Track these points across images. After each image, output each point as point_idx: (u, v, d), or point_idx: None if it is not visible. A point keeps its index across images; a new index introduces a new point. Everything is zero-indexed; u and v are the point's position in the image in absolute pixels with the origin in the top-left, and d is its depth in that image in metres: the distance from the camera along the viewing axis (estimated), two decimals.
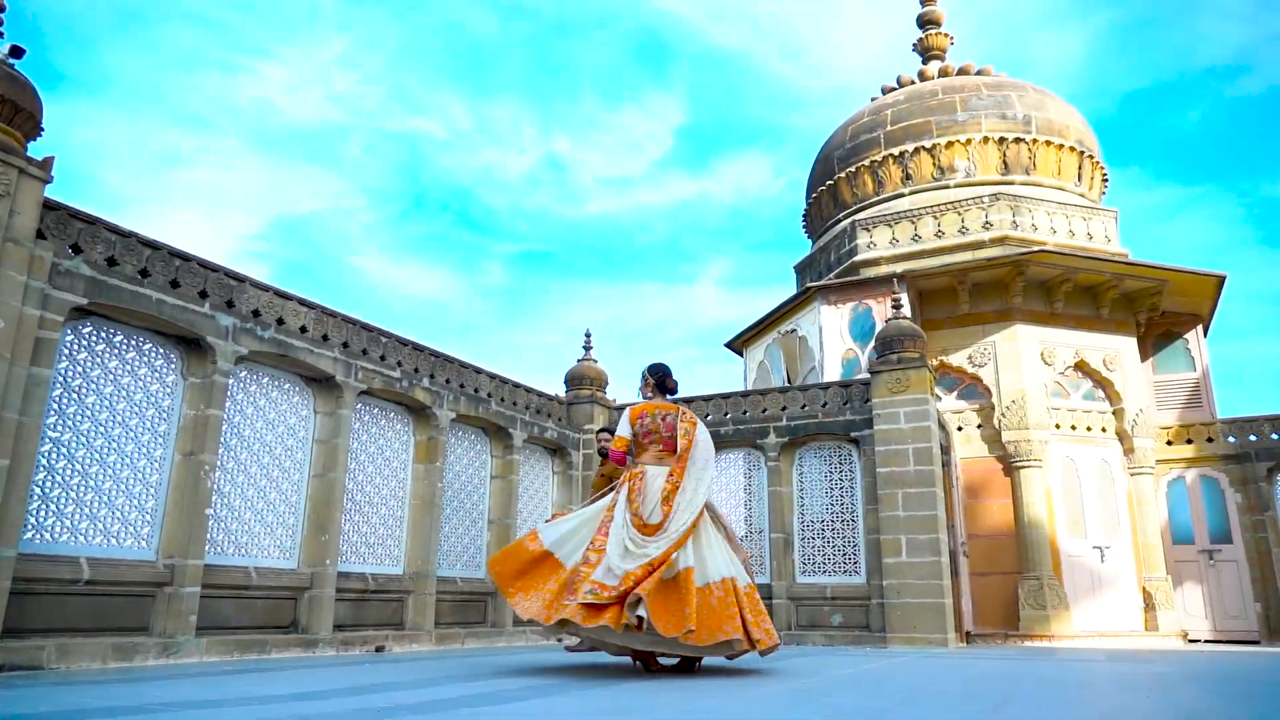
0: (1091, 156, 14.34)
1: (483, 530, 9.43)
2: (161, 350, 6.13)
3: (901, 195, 14.11)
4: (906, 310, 10.78)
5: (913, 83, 15.59)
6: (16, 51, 5.14)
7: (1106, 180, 14.78)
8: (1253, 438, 12.73)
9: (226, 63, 39.45)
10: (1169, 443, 13.09)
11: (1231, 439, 12.86)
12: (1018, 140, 13.76)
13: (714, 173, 48.02)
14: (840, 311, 12.83)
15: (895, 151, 14.16)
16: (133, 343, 5.94)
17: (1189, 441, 13.07)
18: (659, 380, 5.46)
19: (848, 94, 44.96)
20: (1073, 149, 14.04)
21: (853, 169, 14.68)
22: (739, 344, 15.86)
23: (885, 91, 15.85)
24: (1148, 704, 3.75)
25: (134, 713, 2.94)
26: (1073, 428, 12.31)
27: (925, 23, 16.94)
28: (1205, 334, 13.92)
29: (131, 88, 39.47)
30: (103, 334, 5.75)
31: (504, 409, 9.66)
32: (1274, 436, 12.61)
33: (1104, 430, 12.48)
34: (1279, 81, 35.63)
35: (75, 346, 5.57)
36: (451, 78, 44.36)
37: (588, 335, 11.82)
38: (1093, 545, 11.83)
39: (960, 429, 12.27)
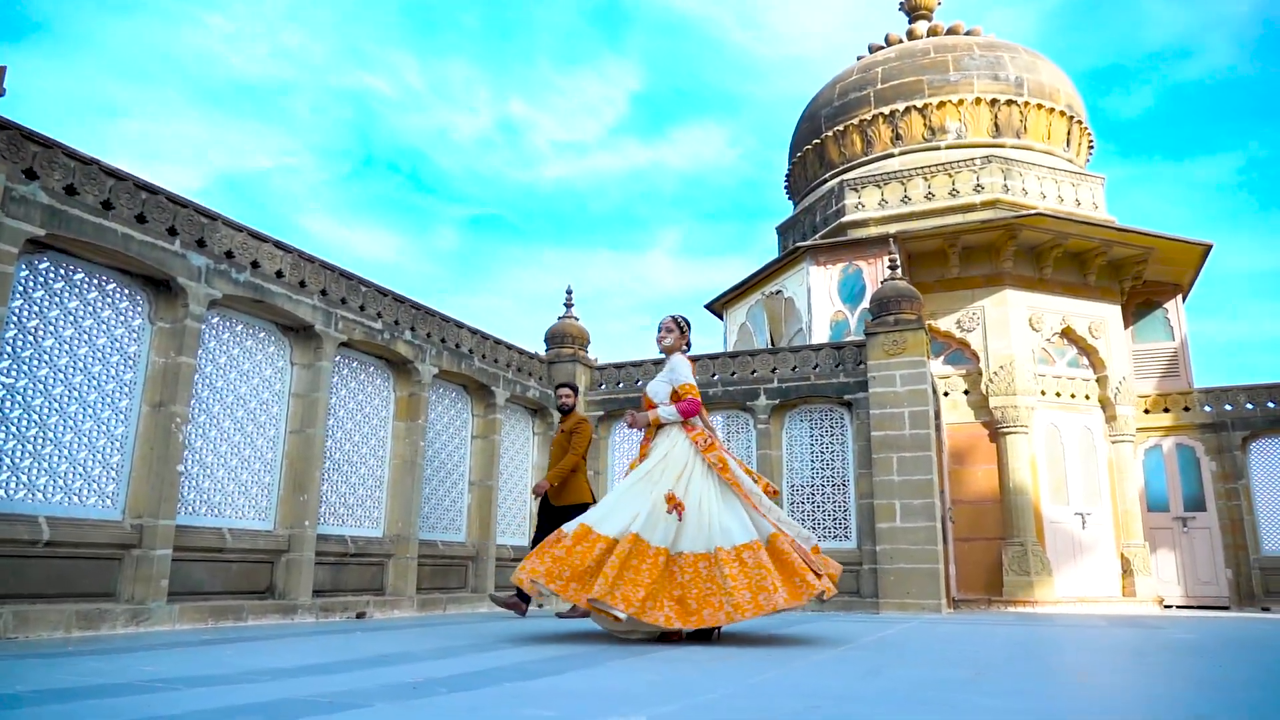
0: (1080, 122, 14.17)
1: (463, 492, 9.03)
2: (127, 291, 5.57)
3: (891, 155, 13.80)
4: (900, 271, 10.51)
5: (901, 41, 15.23)
6: None
7: (1093, 147, 14.65)
8: (1228, 407, 12.82)
9: (166, 10, 37.57)
10: (1146, 411, 13.13)
11: (1208, 408, 12.93)
12: (1010, 102, 13.52)
13: (669, 140, 47.40)
14: (830, 272, 12.53)
15: (885, 110, 13.83)
16: (95, 281, 5.37)
17: (1166, 410, 13.13)
18: (690, 335, 5.09)
19: (806, 64, 44.33)
20: (1063, 113, 13.85)
21: (840, 128, 14.32)
22: (719, 305, 15.52)
23: (873, 50, 15.48)
24: (1237, 672, 3.53)
25: (129, 692, 2.51)
26: (1057, 394, 12.24)
27: None
28: (1184, 303, 13.94)
29: (63, 33, 37.42)
30: (62, 270, 5.18)
31: (487, 366, 9.21)
32: (1249, 406, 12.71)
33: (1087, 398, 12.44)
34: (1220, 67, 36.15)
35: (31, 283, 5.00)
36: (403, 35, 42.92)
37: (569, 292, 11.36)
38: (1074, 512, 11.83)
39: (946, 394, 12.11)
